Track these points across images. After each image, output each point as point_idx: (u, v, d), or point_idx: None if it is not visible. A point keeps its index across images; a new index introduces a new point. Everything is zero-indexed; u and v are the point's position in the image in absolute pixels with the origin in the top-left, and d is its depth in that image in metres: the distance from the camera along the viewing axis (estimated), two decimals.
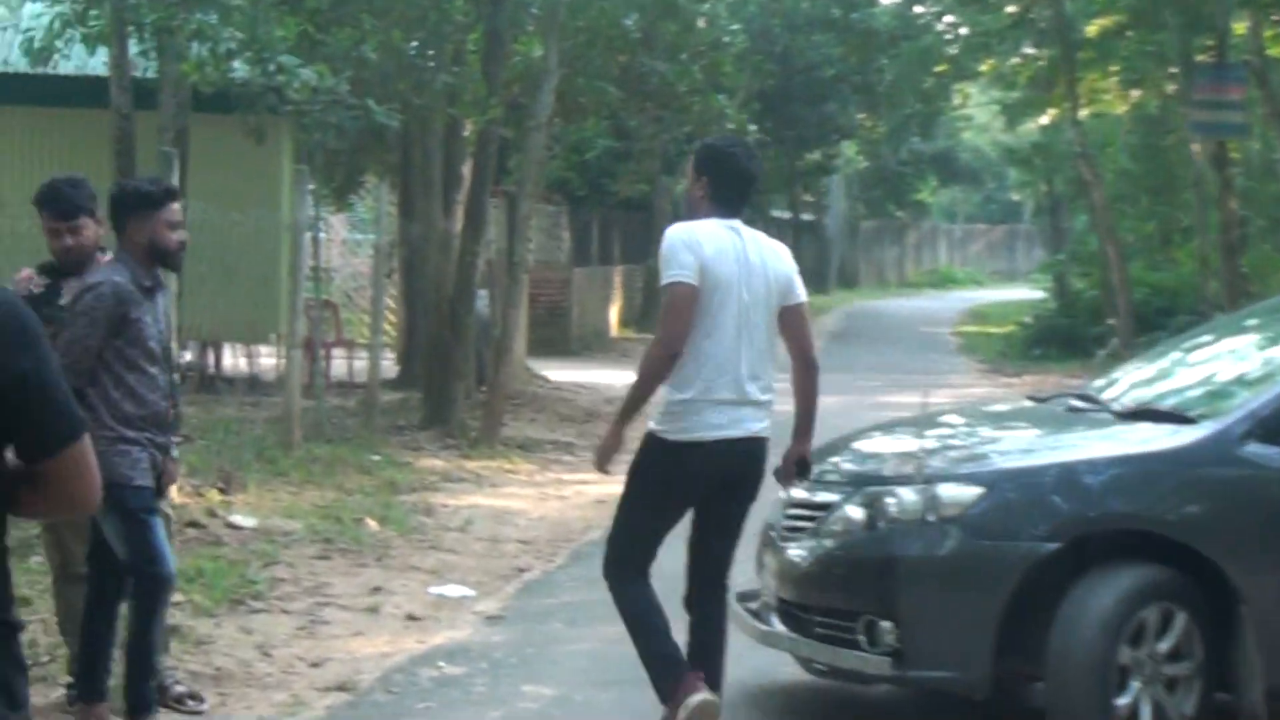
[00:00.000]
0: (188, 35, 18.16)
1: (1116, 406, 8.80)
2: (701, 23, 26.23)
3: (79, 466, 3.71)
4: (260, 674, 9.04)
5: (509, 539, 13.04)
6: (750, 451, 7.69)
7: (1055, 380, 27.68)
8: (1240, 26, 29.93)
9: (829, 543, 8.13)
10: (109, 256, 7.97)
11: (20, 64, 21.71)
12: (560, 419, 20.70)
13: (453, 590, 10.61)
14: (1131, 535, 7.86)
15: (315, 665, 9.27)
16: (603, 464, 8.02)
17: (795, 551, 8.26)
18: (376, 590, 10.92)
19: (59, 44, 19.07)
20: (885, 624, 7.74)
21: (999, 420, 10.02)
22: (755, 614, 8.43)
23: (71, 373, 6.99)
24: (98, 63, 20.74)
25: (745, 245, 7.73)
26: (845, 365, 30.69)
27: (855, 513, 8.06)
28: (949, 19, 42.83)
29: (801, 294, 7.94)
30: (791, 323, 7.87)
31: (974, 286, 70.16)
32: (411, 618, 10.31)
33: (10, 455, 3.70)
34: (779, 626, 8.28)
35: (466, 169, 22.13)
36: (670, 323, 7.63)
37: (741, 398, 7.63)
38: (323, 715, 8.33)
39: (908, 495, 7.91)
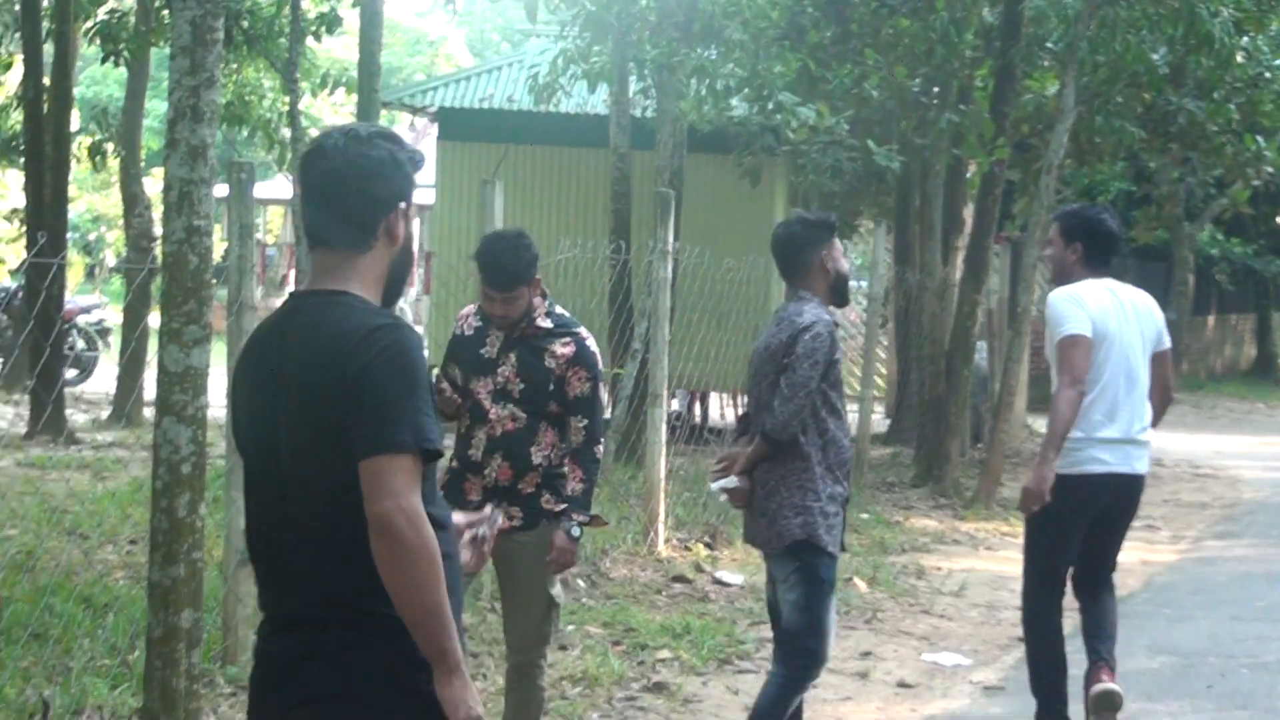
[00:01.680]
0: (688, 72, 18.56)
1: None
2: (1240, 57, 25.53)
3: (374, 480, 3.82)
4: None
5: (1006, 605, 12.77)
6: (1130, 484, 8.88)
7: None
8: None
9: None
10: None
11: (525, 102, 22.47)
12: None
13: (947, 658, 10.55)
14: None
15: None
16: (1030, 506, 8.65)
17: None
18: (866, 655, 10.91)
19: (561, 81, 19.67)
20: None
21: None
22: None
23: (797, 419, 7.41)
24: (597, 101, 21.34)
25: (1121, 302, 8.93)
26: None
27: None
28: None
29: (1168, 341, 9.19)
30: (1159, 366, 9.01)
31: None
32: (903, 685, 10.25)
33: None
34: None
35: (968, 213, 22.06)
36: (1074, 368, 8.56)
37: (1127, 438, 8.74)
38: None
39: None
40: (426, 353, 4.33)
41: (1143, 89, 24.14)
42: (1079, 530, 8.86)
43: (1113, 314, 8.81)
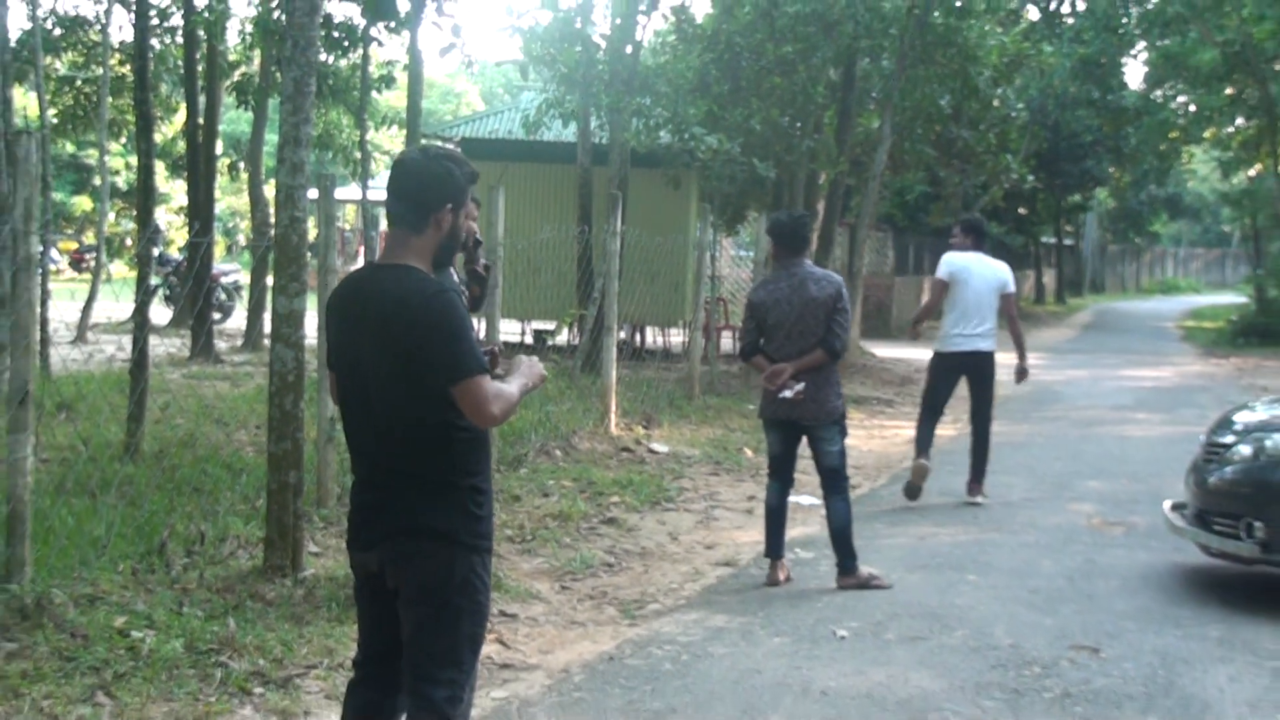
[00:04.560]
0: (630, 113, 18.54)
1: None
2: (995, 103, 25.71)
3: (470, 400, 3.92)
4: (671, 552, 9.20)
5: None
6: (978, 358, 10.86)
7: (1255, 362, 26.49)
8: None
9: (1226, 470, 8.23)
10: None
11: (519, 133, 22.42)
12: (883, 382, 20.59)
13: (805, 499, 10.63)
14: None
15: (709, 548, 9.39)
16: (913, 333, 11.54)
17: (1206, 475, 8.38)
18: (751, 498, 10.96)
19: (545, 119, 19.63)
20: (1258, 524, 7.92)
21: None
22: (1182, 516, 8.57)
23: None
24: (569, 133, 21.28)
25: (982, 263, 11.00)
26: (1094, 348, 29.90)
27: (1244, 450, 8.22)
28: (1181, 99, 41.43)
29: (1011, 288, 11.06)
30: (1005, 302, 11.00)
31: (1192, 293, 67.46)
32: (788, 518, 10.31)
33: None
34: (1192, 525, 8.40)
35: (821, 207, 22.16)
36: (933, 292, 11.15)
37: (971, 333, 10.82)
38: (713, 581, 8.43)
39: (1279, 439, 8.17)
40: None
41: (935, 123, 24.29)
42: (947, 383, 11.02)
43: (974, 269, 10.89)
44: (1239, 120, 36.07)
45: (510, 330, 20.71)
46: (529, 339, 21.62)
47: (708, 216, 18.29)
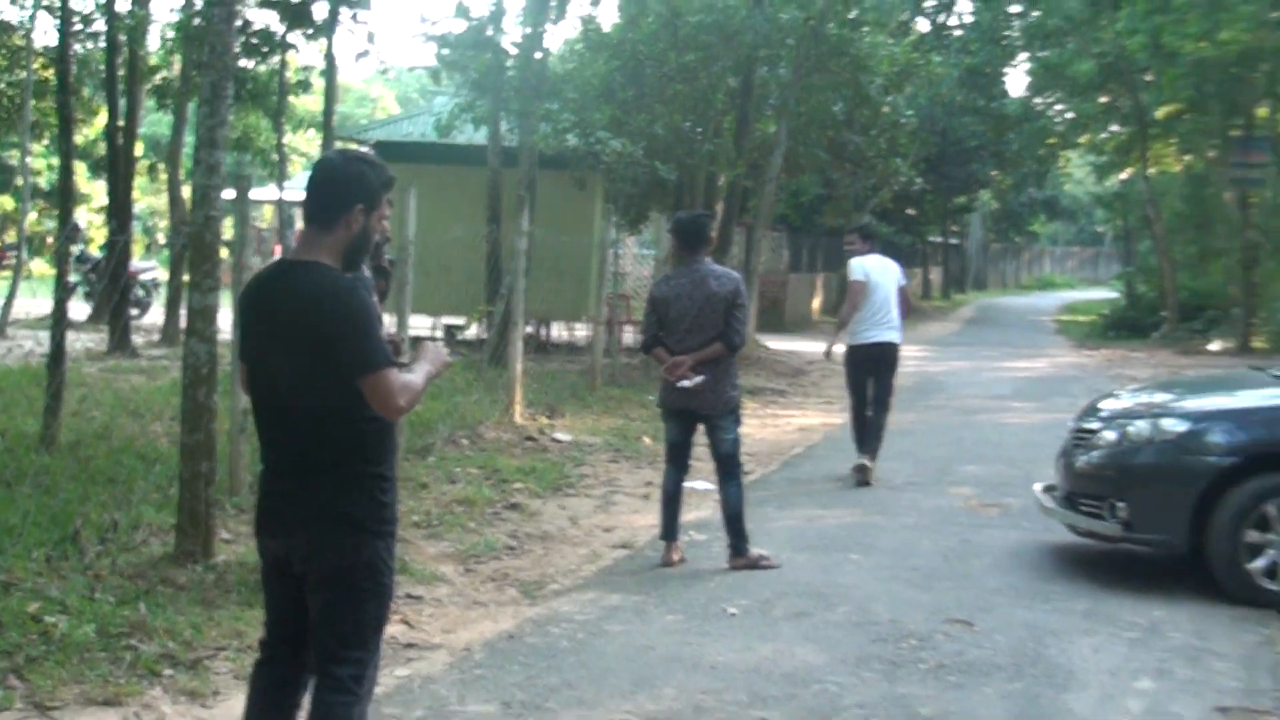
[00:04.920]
0: (539, 117, 18.51)
1: None
2: (885, 109, 25.94)
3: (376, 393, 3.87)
4: (571, 536, 9.18)
5: (741, 453, 12.99)
6: (887, 348, 11.36)
7: (1123, 354, 26.99)
8: (1264, 111, 28.90)
9: (1093, 454, 8.36)
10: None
11: (431, 136, 22.28)
12: (777, 374, 20.68)
13: (700, 484, 10.65)
14: None
15: (607, 530, 9.39)
16: (827, 355, 11.96)
17: (1074, 459, 8.52)
18: (649, 484, 10.95)
19: (457, 123, 19.53)
20: (1120, 504, 8.07)
21: (1220, 380, 10.10)
22: (1052, 498, 8.75)
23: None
24: (480, 136, 21.17)
25: (882, 264, 11.52)
26: (975, 341, 30.29)
27: (1109, 435, 8.34)
28: (1059, 107, 42.13)
29: (904, 281, 11.61)
30: (902, 293, 11.46)
31: (1068, 289, 68.47)
32: (682, 503, 10.30)
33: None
34: (1061, 506, 8.57)
35: (720, 208, 22.22)
36: (854, 296, 11.37)
37: (880, 326, 11.31)
38: (610, 562, 8.44)
39: (1140, 425, 8.23)
40: None
41: (828, 129, 24.45)
42: (863, 371, 11.43)
43: (876, 270, 11.40)
44: (1113, 127, 36.65)
45: (421, 325, 20.57)
46: (439, 333, 21.50)
47: (611, 216, 18.29)
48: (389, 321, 7.65)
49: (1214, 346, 28.56)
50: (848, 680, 6.05)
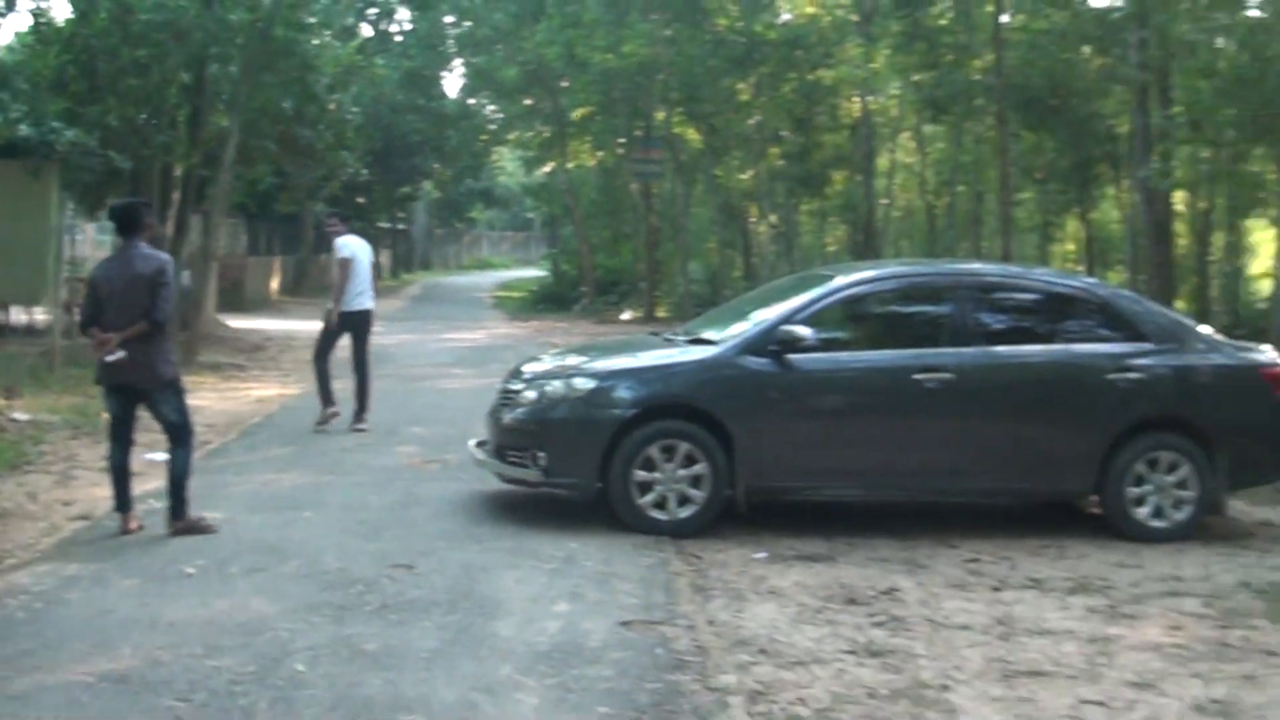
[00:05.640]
0: None
1: (684, 336, 9.36)
2: (332, 106, 25.72)
3: None
4: (30, 511, 8.67)
5: (199, 424, 12.51)
6: (369, 314, 12.23)
7: (550, 324, 28.16)
8: (660, 114, 30.85)
9: (517, 411, 8.63)
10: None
11: None
12: (237, 350, 20.13)
13: (159, 456, 10.22)
14: (679, 406, 8.43)
15: (66, 504, 8.91)
16: (330, 321, 12.14)
17: (502, 416, 8.79)
18: (109, 458, 10.43)
19: None
20: (541, 454, 8.41)
21: (625, 344, 10.29)
22: (484, 452, 9.00)
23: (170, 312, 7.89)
24: None
25: (361, 243, 12.24)
26: (422, 316, 30.66)
27: (530, 394, 8.64)
28: (491, 108, 43.26)
29: (374, 258, 12.38)
30: (375, 269, 12.49)
31: (504, 269, 70.23)
32: (135, 473, 9.88)
33: None
34: (491, 458, 8.84)
35: (176, 196, 21.32)
36: (344, 270, 12.05)
37: (364, 294, 12.10)
38: (69, 534, 8.01)
39: (557, 384, 8.59)
40: None
41: (279, 123, 23.93)
42: (348, 332, 12.12)
43: (360, 247, 12.24)
44: (537, 126, 38.06)
45: None
46: None
47: (66, 204, 17.12)
48: None
49: (625, 316, 30.43)
50: (299, 626, 6.05)
